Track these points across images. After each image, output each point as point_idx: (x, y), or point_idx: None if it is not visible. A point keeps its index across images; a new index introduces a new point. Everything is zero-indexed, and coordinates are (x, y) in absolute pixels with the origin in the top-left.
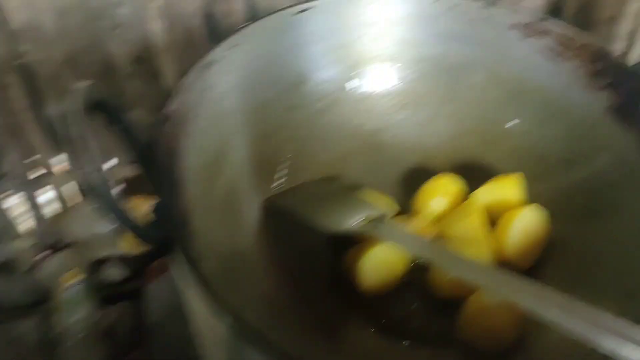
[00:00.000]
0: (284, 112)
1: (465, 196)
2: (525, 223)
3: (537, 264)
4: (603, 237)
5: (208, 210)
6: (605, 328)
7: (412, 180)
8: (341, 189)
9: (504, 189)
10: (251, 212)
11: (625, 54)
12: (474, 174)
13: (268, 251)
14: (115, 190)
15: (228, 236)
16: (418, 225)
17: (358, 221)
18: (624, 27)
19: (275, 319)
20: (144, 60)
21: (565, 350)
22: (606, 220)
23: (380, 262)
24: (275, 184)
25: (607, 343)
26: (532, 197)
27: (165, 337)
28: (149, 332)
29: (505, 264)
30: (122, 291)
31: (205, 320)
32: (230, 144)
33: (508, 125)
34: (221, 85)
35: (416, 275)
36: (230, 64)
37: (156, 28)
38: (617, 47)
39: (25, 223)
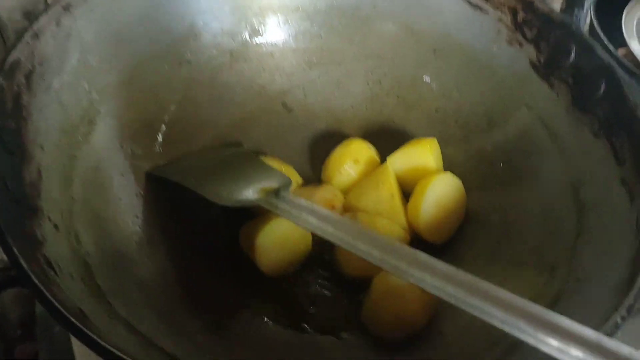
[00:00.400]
0: (172, 70)
1: (377, 163)
2: (439, 195)
3: (453, 238)
4: (522, 206)
5: (67, 182)
6: (520, 314)
7: (322, 147)
8: (236, 157)
9: (418, 155)
10: (127, 186)
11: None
12: (389, 139)
13: (152, 230)
14: None
15: (95, 216)
16: (324, 196)
17: (253, 192)
18: None
19: (156, 309)
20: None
21: (478, 333)
22: (525, 186)
23: (280, 239)
24: (160, 153)
25: (522, 330)
26: (450, 162)
27: (53, 327)
28: (36, 323)
29: (419, 239)
30: (11, 276)
31: None
32: (101, 104)
33: (427, 85)
34: (86, 34)
35: (322, 252)
36: (98, 9)
37: None
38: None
39: None
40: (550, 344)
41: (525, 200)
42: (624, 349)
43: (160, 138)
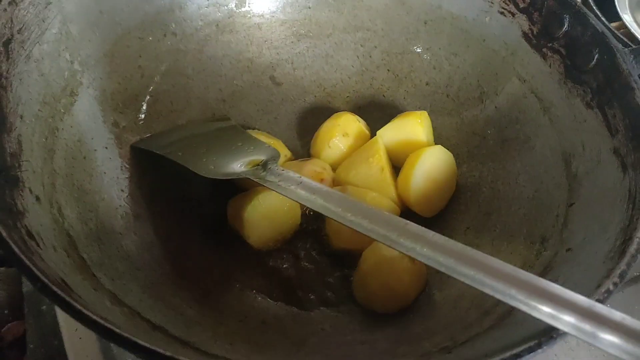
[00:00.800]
0: (157, 41)
1: (366, 137)
2: (429, 168)
3: (443, 211)
4: (513, 177)
5: (48, 154)
6: (512, 282)
7: (311, 121)
8: (224, 131)
9: (408, 129)
10: (111, 159)
11: None
12: (379, 113)
13: (137, 204)
14: None
15: (78, 189)
16: (313, 169)
17: (241, 166)
18: None
19: (143, 282)
20: None
21: (469, 304)
22: (517, 158)
23: (268, 212)
24: (145, 125)
25: (514, 298)
26: (440, 135)
27: (41, 305)
28: (24, 302)
29: (409, 212)
30: None
31: None
32: (83, 75)
33: (417, 57)
34: (67, 2)
35: (311, 225)
36: None
37: None
38: None
39: None
40: (543, 310)
41: (516, 172)
42: (616, 314)
43: (145, 110)
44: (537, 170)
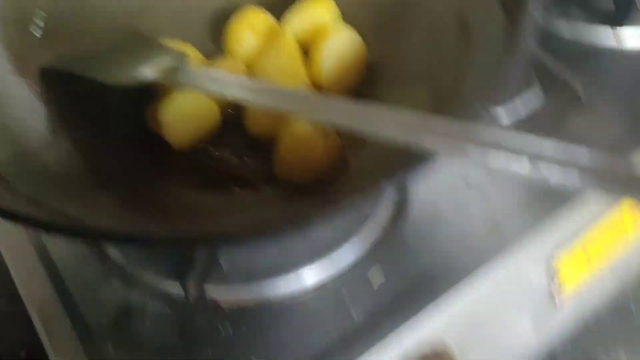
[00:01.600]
0: None
1: (274, 28)
2: (338, 48)
3: (356, 92)
4: (414, 43)
5: None
6: (422, 129)
7: (223, 23)
8: (133, 41)
9: (313, 12)
10: (19, 83)
11: None
12: (285, 3)
13: (53, 122)
14: None
15: None
16: (227, 66)
17: (153, 71)
18: None
19: (67, 192)
20: None
21: (386, 162)
22: (414, 23)
23: (187, 112)
24: (48, 45)
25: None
26: (345, 14)
27: None
28: None
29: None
30: None
31: None
32: None
33: None
34: None
35: (231, 120)
36: None
37: None
38: None
39: None
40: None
41: (417, 38)
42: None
43: (45, 28)
44: (434, 27)
